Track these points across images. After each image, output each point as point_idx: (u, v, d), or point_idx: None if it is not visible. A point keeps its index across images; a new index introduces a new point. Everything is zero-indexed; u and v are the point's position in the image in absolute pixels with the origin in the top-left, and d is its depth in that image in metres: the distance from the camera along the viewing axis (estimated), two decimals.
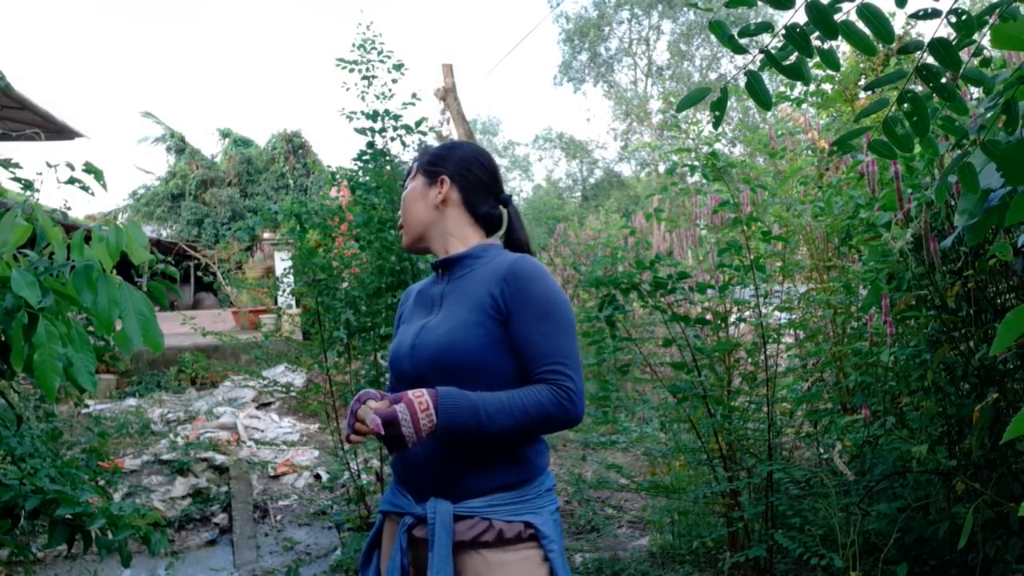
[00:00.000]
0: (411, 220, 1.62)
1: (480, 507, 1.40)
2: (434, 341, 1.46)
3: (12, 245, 1.78)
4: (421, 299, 1.62)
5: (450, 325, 1.46)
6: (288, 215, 3.67)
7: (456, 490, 1.42)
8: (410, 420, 1.33)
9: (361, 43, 3.47)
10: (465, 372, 1.42)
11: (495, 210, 1.64)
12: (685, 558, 3.55)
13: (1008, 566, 2.29)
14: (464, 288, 1.52)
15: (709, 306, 3.38)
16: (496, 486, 1.42)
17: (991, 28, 1.23)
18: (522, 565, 1.40)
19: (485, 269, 1.52)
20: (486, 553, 1.39)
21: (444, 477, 1.42)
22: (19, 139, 9.44)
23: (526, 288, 1.44)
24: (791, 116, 4.23)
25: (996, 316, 2.35)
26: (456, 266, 1.57)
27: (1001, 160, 1.24)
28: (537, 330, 1.42)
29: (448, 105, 11.47)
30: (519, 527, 1.41)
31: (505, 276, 1.46)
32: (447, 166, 1.61)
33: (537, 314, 1.42)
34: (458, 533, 1.39)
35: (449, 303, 1.52)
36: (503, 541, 1.39)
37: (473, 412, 1.35)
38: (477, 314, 1.45)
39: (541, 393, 1.38)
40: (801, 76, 1.37)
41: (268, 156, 17.21)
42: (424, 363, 1.46)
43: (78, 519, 2.08)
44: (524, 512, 1.42)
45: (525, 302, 1.43)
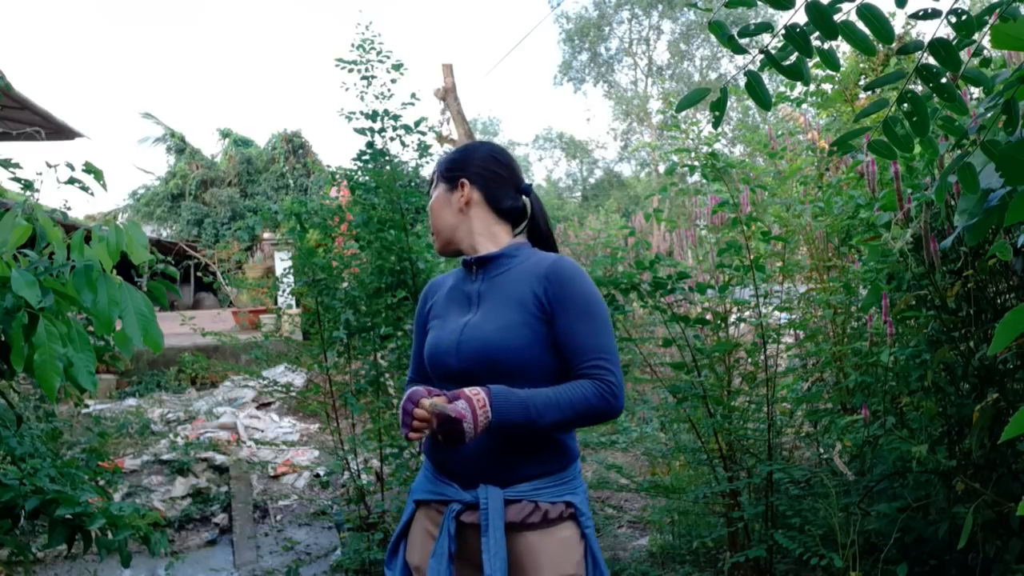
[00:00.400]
0: (439, 226, 1.69)
1: (527, 491, 1.51)
2: (481, 339, 1.52)
3: (12, 245, 1.78)
4: (454, 295, 1.67)
5: (497, 324, 1.53)
6: (288, 215, 3.66)
7: (505, 477, 1.51)
8: (471, 416, 1.39)
9: (360, 43, 3.46)
10: (511, 369, 1.50)
11: (518, 202, 1.69)
12: (685, 558, 3.55)
13: (1008, 566, 2.29)
14: (503, 287, 1.58)
15: (709, 306, 3.38)
16: (540, 472, 1.52)
17: (991, 28, 1.23)
18: (564, 543, 1.51)
19: (523, 268, 1.59)
20: (530, 534, 1.49)
21: (494, 466, 1.51)
22: (19, 139, 9.44)
23: (568, 288, 1.52)
24: (791, 116, 4.23)
25: (996, 316, 2.35)
26: (491, 264, 1.63)
27: (1000, 160, 1.24)
28: (579, 328, 1.50)
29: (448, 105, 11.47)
30: (561, 507, 1.52)
31: (547, 276, 1.54)
32: (465, 169, 1.68)
33: (579, 312, 1.51)
34: (508, 516, 1.48)
35: (489, 301, 1.58)
36: (547, 521, 1.50)
37: (523, 408, 1.43)
38: (522, 313, 1.52)
39: (585, 388, 1.47)
40: (801, 76, 1.37)
41: (268, 156, 17.20)
42: (471, 360, 1.52)
43: (78, 519, 2.09)
44: (564, 493, 1.53)
45: (568, 301, 1.51)
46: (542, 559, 1.48)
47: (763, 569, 2.93)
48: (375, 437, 3.60)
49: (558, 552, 1.50)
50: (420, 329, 1.75)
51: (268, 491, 5.35)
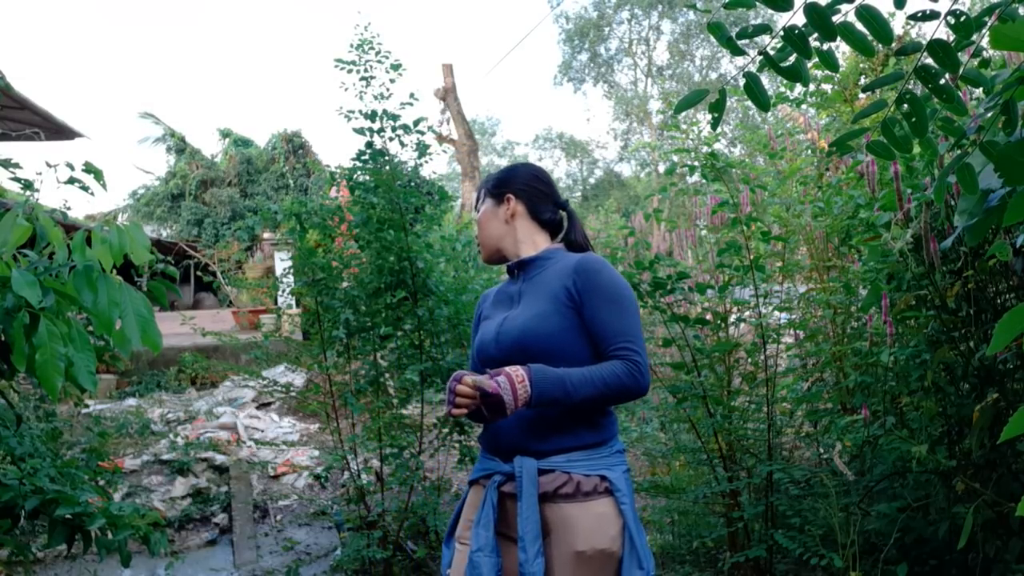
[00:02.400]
0: (486, 237, 1.88)
1: (561, 462, 1.62)
2: (517, 328, 1.70)
3: (12, 245, 1.78)
4: (500, 297, 1.86)
5: (530, 314, 1.70)
6: (288, 215, 3.66)
7: (540, 449, 1.64)
8: (510, 390, 1.53)
9: (359, 44, 3.46)
10: (545, 354, 1.64)
11: (556, 215, 1.89)
12: (685, 558, 3.55)
13: (1008, 566, 2.29)
14: (539, 284, 1.75)
15: (709, 306, 3.38)
16: (574, 446, 1.64)
17: (990, 29, 1.23)
18: (600, 517, 1.60)
19: (556, 267, 1.76)
20: (565, 505, 1.60)
21: (530, 439, 1.65)
22: (19, 139, 9.44)
23: (595, 278, 1.68)
24: (791, 116, 4.23)
25: (996, 316, 2.35)
26: (530, 267, 1.81)
27: (999, 161, 1.24)
28: (607, 313, 1.65)
29: (448, 105, 11.48)
30: (595, 480, 1.62)
31: (576, 269, 1.70)
32: (511, 186, 1.87)
33: (606, 299, 1.66)
34: (542, 485, 1.61)
35: (527, 298, 1.76)
36: (582, 493, 1.60)
37: (560, 383, 1.57)
38: (554, 304, 1.68)
39: (616, 367, 1.61)
40: (799, 77, 1.37)
41: (268, 156, 17.20)
42: (508, 347, 1.69)
43: (78, 519, 2.09)
44: (599, 467, 1.64)
45: (595, 290, 1.67)
46: (577, 529, 1.58)
47: (763, 569, 2.93)
48: (375, 437, 3.60)
49: (594, 524, 1.58)
50: (474, 332, 1.93)
51: (268, 491, 5.35)
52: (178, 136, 17.57)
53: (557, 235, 1.89)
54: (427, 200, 3.58)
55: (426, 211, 3.61)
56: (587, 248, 1.88)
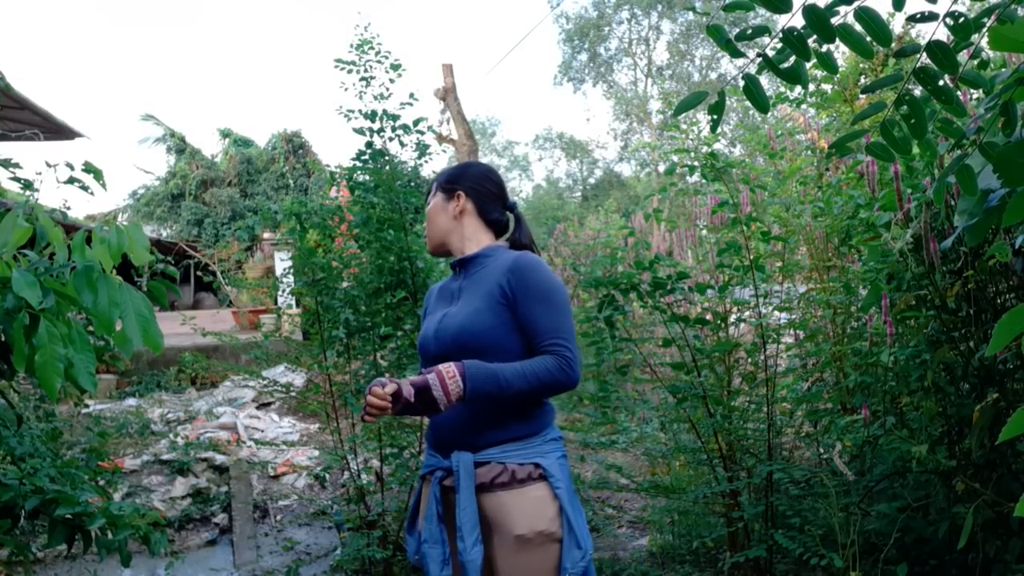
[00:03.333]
0: (433, 230, 1.93)
1: (496, 454, 1.70)
2: (455, 325, 1.75)
3: (12, 245, 1.78)
4: (443, 294, 1.91)
5: (467, 311, 1.75)
6: (288, 215, 3.66)
7: (476, 443, 1.71)
8: (439, 385, 1.60)
9: (359, 44, 3.46)
10: (481, 350, 1.70)
11: (503, 216, 1.94)
12: (685, 558, 3.55)
13: (1008, 566, 2.29)
14: (478, 282, 1.81)
15: (709, 306, 3.38)
16: (508, 438, 1.71)
17: (989, 30, 1.23)
18: (536, 500, 1.68)
19: (495, 265, 1.81)
20: (502, 493, 1.68)
21: (466, 434, 1.72)
22: (19, 139, 9.44)
23: (528, 277, 1.73)
24: (791, 116, 4.23)
25: (996, 316, 2.35)
26: (471, 264, 1.86)
27: (998, 162, 1.24)
28: (539, 311, 1.72)
29: (448, 105, 11.47)
30: (529, 468, 1.70)
31: (511, 268, 1.75)
32: (462, 182, 1.92)
33: (538, 298, 1.72)
34: (478, 477, 1.69)
35: (466, 295, 1.81)
36: (517, 481, 1.68)
37: (494, 378, 1.63)
38: (489, 301, 1.74)
39: (547, 361, 1.68)
40: (799, 79, 1.37)
41: (268, 156, 17.20)
42: (446, 344, 1.75)
43: (78, 519, 2.08)
44: (532, 456, 1.72)
45: (528, 288, 1.72)
46: (514, 514, 1.66)
47: (763, 569, 2.93)
48: (375, 437, 3.60)
49: (530, 508, 1.67)
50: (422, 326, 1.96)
51: (268, 491, 5.35)
52: (178, 136, 17.57)
53: (503, 236, 1.95)
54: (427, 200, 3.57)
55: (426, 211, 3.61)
56: (533, 249, 1.93)
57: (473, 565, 1.64)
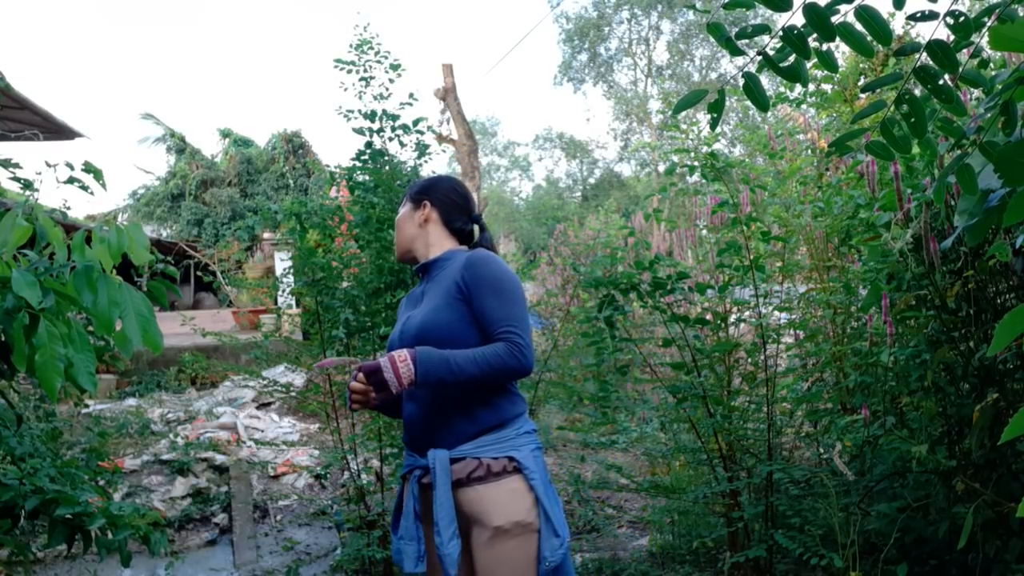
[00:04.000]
0: (400, 237, 2.03)
1: (470, 448, 1.75)
2: (416, 324, 1.84)
3: (12, 245, 1.78)
4: (410, 300, 2.01)
5: (428, 310, 1.84)
6: (288, 215, 3.66)
7: (449, 439, 1.77)
8: (390, 368, 1.68)
9: (359, 44, 3.47)
10: (439, 344, 1.75)
11: (468, 225, 2.04)
12: (685, 558, 3.55)
13: (1008, 566, 2.29)
14: (438, 283, 1.89)
15: (709, 306, 3.38)
16: (480, 430, 1.77)
17: (989, 29, 1.23)
18: (512, 492, 1.73)
19: (453, 266, 1.89)
20: (479, 487, 1.73)
21: (439, 432, 1.78)
22: (19, 139, 9.43)
23: (481, 270, 1.81)
24: (791, 116, 4.23)
25: (996, 316, 2.35)
26: (432, 268, 1.96)
27: (998, 161, 1.24)
28: (491, 301, 1.78)
29: (448, 105, 11.47)
30: (504, 461, 1.75)
31: (465, 265, 1.83)
32: (430, 193, 2.01)
33: (491, 290, 1.79)
34: (455, 473, 1.74)
35: (428, 296, 1.90)
36: (492, 474, 1.73)
37: (444, 362, 1.69)
38: (447, 298, 1.82)
39: (498, 348, 1.73)
40: (799, 78, 1.37)
41: (268, 156, 17.20)
42: (408, 342, 1.81)
43: (78, 519, 2.08)
44: (507, 449, 1.76)
45: (480, 281, 1.79)
46: (490, 506, 1.71)
47: (763, 569, 2.93)
48: (375, 437, 3.60)
49: (507, 499, 1.72)
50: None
51: (268, 491, 5.35)
52: (178, 136, 17.57)
53: (467, 243, 2.04)
54: None
55: None
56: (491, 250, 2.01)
57: (450, 559, 1.68)
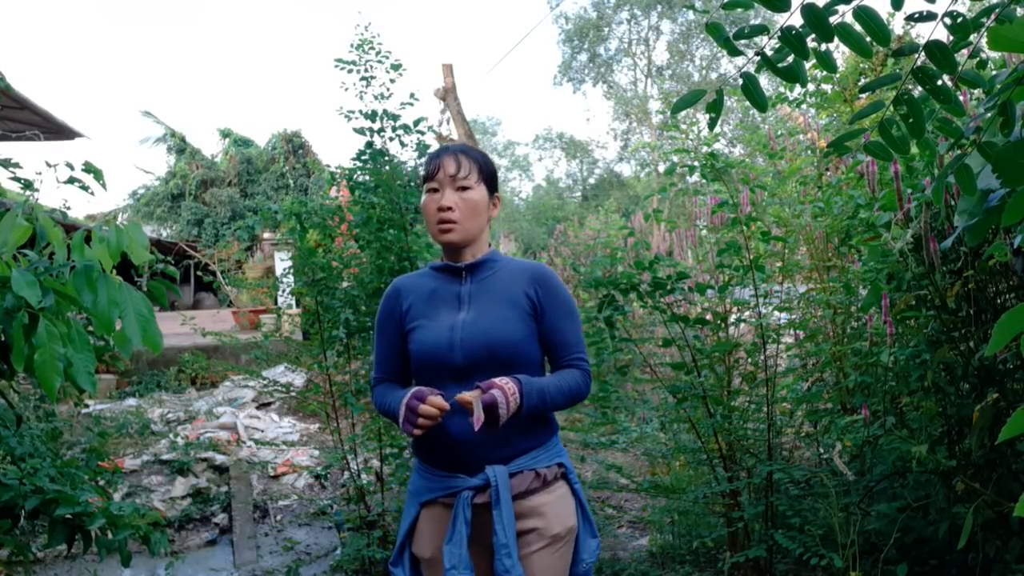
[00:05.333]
0: (472, 226, 1.78)
1: (526, 462, 1.72)
2: (483, 333, 1.69)
3: (12, 245, 1.78)
4: (439, 296, 1.79)
5: (494, 320, 1.71)
6: (288, 215, 3.66)
7: (507, 455, 1.70)
8: (506, 404, 1.58)
9: (359, 44, 3.46)
10: (510, 360, 1.69)
11: None
12: (685, 558, 3.55)
13: (1008, 566, 2.29)
14: (492, 288, 1.77)
15: (709, 306, 3.38)
16: (535, 445, 1.74)
17: (988, 30, 1.23)
18: (561, 498, 1.75)
19: (507, 271, 1.80)
20: (533, 497, 1.70)
21: (497, 448, 1.69)
22: (19, 139, 9.43)
23: (556, 290, 1.77)
24: (791, 116, 4.23)
25: (996, 316, 2.35)
26: (480, 269, 1.80)
27: (997, 162, 1.24)
28: (566, 324, 1.77)
29: (448, 105, 11.47)
30: (555, 468, 1.76)
31: (536, 279, 1.77)
32: (497, 187, 1.87)
33: (564, 312, 1.77)
34: (514, 487, 1.69)
35: (480, 301, 1.75)
36: (546, 483, 1.73)
37: (541, 395, 1.66)
38: (516, 311, 1.73)
39: (577, 377, 1.75)
40: (797, 78, 1.37)
41: (268, 156, 17.21)
42: (476, 353, 1.69)
43: (78, 519, 2.08)
44: (555, 456, 1.77)
45: (556, 301, 1.76)
46: (551, 516, 1.70)
47: (763, 569, 2.93)
48: (375, 437, 3.60)
49: (560, 506, 1.73)
50: (391, 327, 1.85)
51: (268, 491, 5.35)
52: (178, 136, 17.58)
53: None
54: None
55: None
56: None
57: None
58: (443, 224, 1.74)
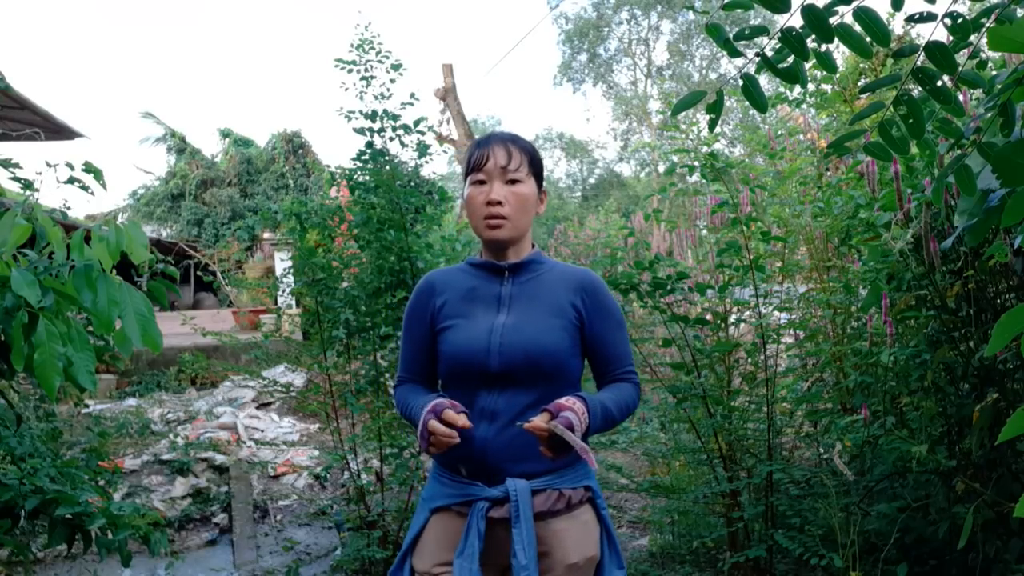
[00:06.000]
0: (522, 223, 1.64)
1: (551, 480, 1.56)
2: (527, 340, 1.56)
3: (12, 245, 1.78)
4: (477, 295, 1.65)
5: (538, 327, 1.58)
6: (288, 215, 3.66)
7: (531, 470, 1.55)
8: (580, 428, 1.45)
9: (359, 43, 3.46)
10: (551, 371, 1.57)
11: None
12: (685, 558, 3.55)
13: (1008, 566, 2.29)
14: (536, 292, 1.64)
15: (709, 306, 3.38)
16: (562, 464, 1.58)
17: (988, 31, 1.23)
18: (585, 526, 1.60)
19: (552, 276, 1.67)
20: (554, 521, 1.56)
21: (522, 460, 1.54)
22: (19, 139, 9.43)
23: (604, 300, 1.66)
24: (791, 116, 4.23)
25: (996, 316, 2.35)
26: (523, 270, 1.67)
27: (996, 162, 1.24)
28: (616, 337, 1.66)
29: (448, 105, 11.48)
30: (581, 491, 1.61)
31: (584, 287, 1.65)
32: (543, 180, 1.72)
33: (614, 324, 1.66)
34: (536, 506, 1.54)
35: (522, 304, 1.62)
36: (570, 507, 1.58)
37: (605, 413, 1.55)
38: (561, 319, 1.60)
39: (631, 392, 1.65)
40: (797, 79, 1.37)
41: (268, 156, 17.20)
42: (514, 361, 1.55)
43: (78, 519, 2.09)
44: (582, 478, 1.62)
45: (605, 311, 1.65)
46: (569, 543, 1.56)
47: (763, 569, 2.93)
48: (375, 437, 3.60)
49: (582, 535, 1.58)
50: (421, 324, 1.69)
51: (268, 491, 5.35)
52: (178, 136, 17.57)
53: None
54: (427, 200, 3.58)
55: (426, 211, 3.61)
56: None
57: None
58: (492, 219, 1.60)
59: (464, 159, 1.68)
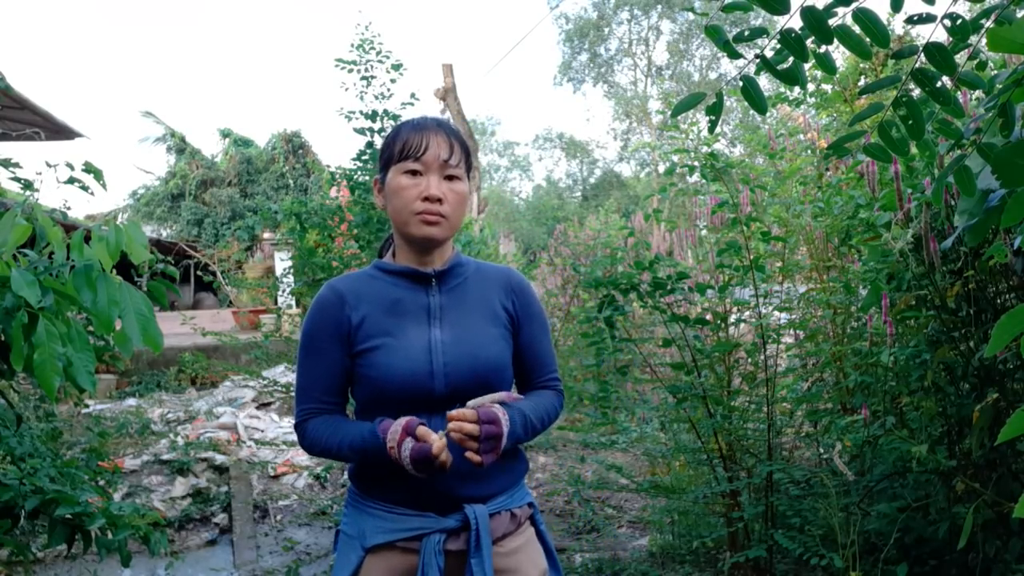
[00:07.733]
0: (458, 223, 1.49)
1: (504, 501, 1.49)
2: (469, 357, 1.43)
3: (12, 245, 1.78)
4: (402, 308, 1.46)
5: (479, 340, 1.46)
6: (288, 215, 3.67)
7: (486, 493, 1.46)
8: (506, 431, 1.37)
9: (360, 43, 3.47)
10: (497, 385, 1.46)
11: None
12: (685, 558, 3.55)
13: (1008, 566, 2.29)
14: (465, 298, 1.50)
15: (709, 306, 3.38)
16: (512, 482, 1.52)
17: (987, 31, 1.23)
18: (531, 541, 1.54)
19: (478, 278, 1.54)
20: (506, 541, 1.48)
21: (475, 485, 1.44)
22: (19, 139, 9.43)
23: (532, 302, 1.57)
24: (791, 116, 4.23)
25: (996, 316, 2.35)
26: (449, 275, 1.51)
27: (996, 163, 1.24)
28: (544, 341, 1.58)
29: (448, 105, 11.48)
30: (525, 508, 1.55)
31: (512, 288, 1.55)
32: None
33: (541, 327, 1.58)
34: (492, 531, 1.44)
35: (455, 315, 1.47)
36: (518, 524, 1.52)
37: (525, 421, 1.44)
38: (497, 326, 1.50)
39: (554, 400, 1.57)
40: (797, 80, 1.37)
41: (268, 156, 17.21)
42: (462, 381, 1.42)
43: (78, 519, 2.08)
44: (525, 495, 1.56)
45: (534, 314, 1.56)
46: (524, 561, 1.50)
47: (763, 569, 2.93)
48: None
49: (531, 550, 1.53)
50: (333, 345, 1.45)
51: (268, 491, 5.35)
52: (178, 136, 17.59)
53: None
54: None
55: None
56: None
57: None
58: (429, 216, 1.42)
59: (389, 141, 1.49)
